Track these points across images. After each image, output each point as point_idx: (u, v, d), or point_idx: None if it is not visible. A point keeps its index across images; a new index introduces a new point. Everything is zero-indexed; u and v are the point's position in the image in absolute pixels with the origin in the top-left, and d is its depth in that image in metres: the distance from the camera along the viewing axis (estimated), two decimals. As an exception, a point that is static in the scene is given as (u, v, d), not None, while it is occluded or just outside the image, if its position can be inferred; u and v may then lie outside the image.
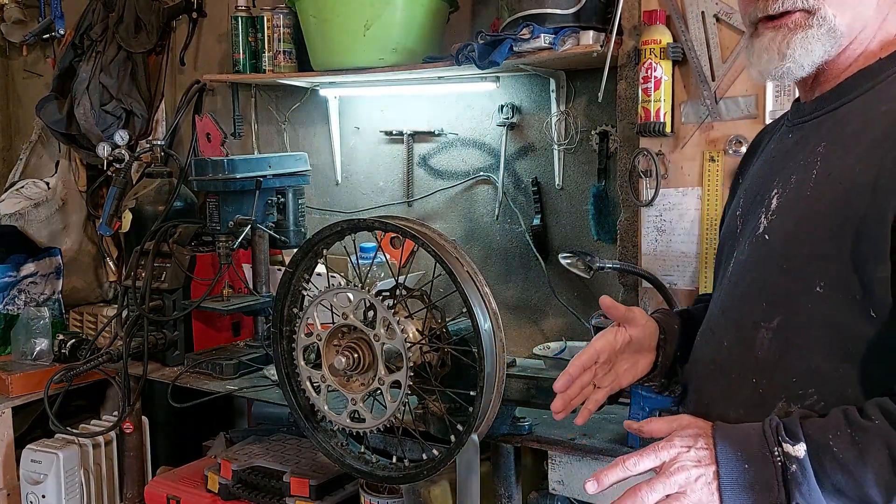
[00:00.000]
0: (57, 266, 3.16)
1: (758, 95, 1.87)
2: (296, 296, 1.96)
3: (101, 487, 2.67)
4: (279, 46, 2.66)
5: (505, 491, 1.90)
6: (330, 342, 1.80)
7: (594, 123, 2.34)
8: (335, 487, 2.23)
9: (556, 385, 1.22)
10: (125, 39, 3.07)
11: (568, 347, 2.24)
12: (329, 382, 1.81)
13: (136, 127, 3.12)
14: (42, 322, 2.82)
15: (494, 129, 2.52)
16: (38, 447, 2.59)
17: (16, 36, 3.55)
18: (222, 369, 2.39)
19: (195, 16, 3.08)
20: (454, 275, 1.64)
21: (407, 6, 2.31)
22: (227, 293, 2.51)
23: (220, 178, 2.48)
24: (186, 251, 2.59)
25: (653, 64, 1.94)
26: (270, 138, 2.99)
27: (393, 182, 2.75)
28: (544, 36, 2.04)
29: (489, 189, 2.57)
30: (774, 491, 0.91)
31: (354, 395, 1.77)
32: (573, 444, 1.81)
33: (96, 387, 2.94)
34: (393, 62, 2.36)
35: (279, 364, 1.97)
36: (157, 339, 2.49)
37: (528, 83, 2.45)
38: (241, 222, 2.45)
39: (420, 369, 1.76)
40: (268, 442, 2.47)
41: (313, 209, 2.85)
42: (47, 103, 3.16)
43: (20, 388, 2.68)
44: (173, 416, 2.72)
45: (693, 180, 1.97)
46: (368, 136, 2.78)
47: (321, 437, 1.95)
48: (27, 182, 3.30)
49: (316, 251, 1.90)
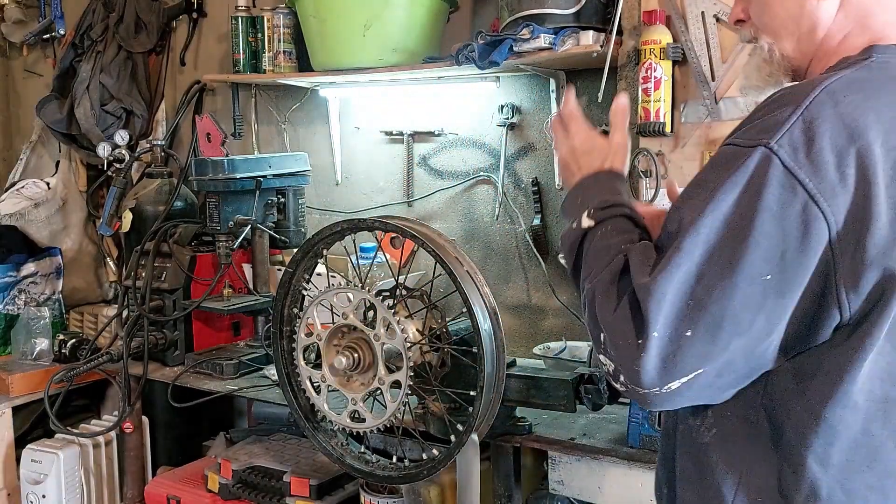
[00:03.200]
0: (57, 266, 3.16)
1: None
2: (296, 296, 1.96)
3: (101, 487, 2.67)
4: (279, 46, 2.66)
5: (505, 491, 1.90)
6: (330, 342, 1.80)
7: (594, 123, 2.31)
8: (335, 487, 2.23)
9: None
10: (125, 39, 3.07)
11: (568, 347, 2.24)
12: (329, 382, 1.81)
13: (137, 127, 3.12)
14: (42, 322, 2.83)
15: (494, 129, 2.52)
16: (39, 447, 2.59)
17: (16, 36, 3.55)
18: (222, 369, 2.39)
19: (195, 16, 3.08)
20: (454, 275, 1.65)
21: (407, 6, 2.31)
22: (227, 293, 2.51)
23: (220, 178, 2.49)
24: (186, 251, 2.59)
25: (653, 64, 1.94)
26: (270, 138, 2.99)
27: (393, 182, 2.75)
28: (544, 36, 2.04)
29: (489, 189, 2.57)
30: (569, 224, 1.17)
31: (354, 395, 1.78)
32: (573, 444, 1.81)
33: (96, 387, 2.94)
34: (393, 62, 2.36)
35: (279, 364, 1.97)
36: (158, 339, 2.49)
37: (528, 83, 2.45)
38: (241, 222, 2.45)
39: (420, 369, 1.76)
40: (268, 442, 2.48)
41: (313, 209, 2.85)
42: (47, 103, 3.17)
43: (20, 388, 2.68)
44: (173, 416, 2.72)
45: (693, 180, 1.97)
46: (368, 136, 2.78)
47: (321, 437, 1.95)
48: (27, 182, 3.30)
49: (316, 251, 1.90)
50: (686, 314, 0.94)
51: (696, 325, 0.94)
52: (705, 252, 0.94)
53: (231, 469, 2.30)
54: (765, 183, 0.93)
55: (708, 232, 0.95)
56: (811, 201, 0.91)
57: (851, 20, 1.08)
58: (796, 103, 0.95)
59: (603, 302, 1.02)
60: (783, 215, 0.92)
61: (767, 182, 0.93)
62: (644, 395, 0.98)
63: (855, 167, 0.92)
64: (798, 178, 0.92)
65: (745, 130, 0.98)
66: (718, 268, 0.94)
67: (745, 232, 0.93)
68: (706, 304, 0.94)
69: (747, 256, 0.92)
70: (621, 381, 1.00)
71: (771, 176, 0.93)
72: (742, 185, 0.94)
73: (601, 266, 1.06)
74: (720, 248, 0.94)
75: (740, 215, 0.93)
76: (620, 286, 1.02)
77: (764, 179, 0.93)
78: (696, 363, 0.95)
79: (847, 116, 0.94)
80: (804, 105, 0.95)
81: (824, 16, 1.08)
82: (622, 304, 0.99)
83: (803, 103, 0.95)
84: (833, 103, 0.95)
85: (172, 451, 2.81)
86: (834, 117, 0.94)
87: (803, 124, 0.94)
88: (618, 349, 0.98)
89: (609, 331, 1.00)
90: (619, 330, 0.98)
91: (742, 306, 0.93)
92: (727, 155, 0.98)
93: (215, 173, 2.49)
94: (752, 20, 1.16)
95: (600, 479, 1.80)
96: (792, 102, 0.96)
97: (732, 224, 0.94)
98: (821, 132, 0.93)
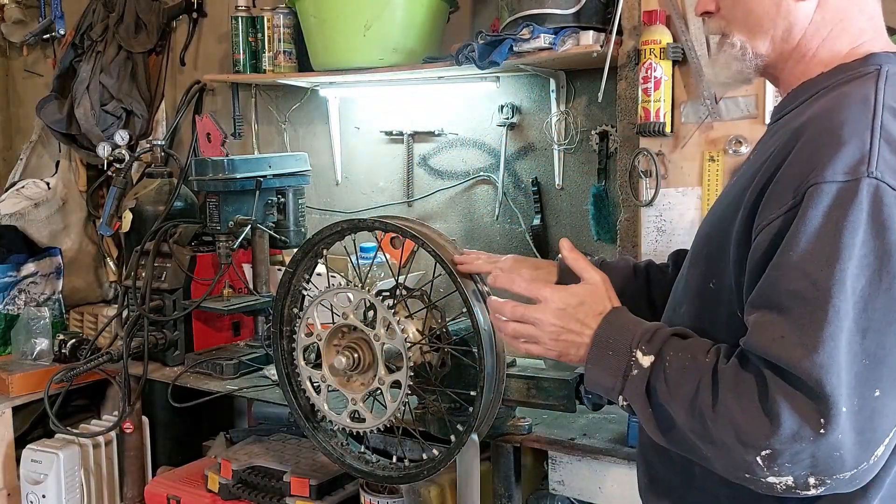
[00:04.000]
0: (57, 266, 3.16)
1: (758, 95, 1.87)
2: (296, 296, 1.96)
3: (101, 487, 2.67)
4: (279, 46, 2.67)
5: (505, 491, 1.90)
6: (330, 342, 1.80)
7: (594, 123, 2.34)
8: (335, 487, 2.23)
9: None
10: (125, 39, 3.07)
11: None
12: (329, 382, 1.81)
13: (137, 127, 3.12)
14: (42, 322, 2.82)
15: (494, 129, 2.52)
16: (39, 447, 2.59)
17: (16, 36, 3.55)
18: (222, 369, 2.39)
19: (195, 16, 3.08)
20: (454, 275, 1.64)
21: (407, 6, 2.31)
22: (227, 293, 2.51)
23: (220, 178, 2.49)
24: (186, 251, 2.59)
25: (653, 64, 1.94)
26: (270, 138, 2.99)
27: (393, 182, 2.75)
28: (544, 36, 2.04)
29: (489, 189, 2.57)
30: (618, 379, 1.04)
31: (354, 395, 1.78)
32: (573, 444, 1.81)
33: (96, 387, 2.94)
34: (393, 62, 2.36)
35: (279, 364, 1.97)
36: (158, 339, 2.49)
37: (528, 83, 2.45)
38: (241, 222, 2.45)
39: (420, 369, 1.76)
40: (268, 442, 2.47)
41: (313, 209, 2.85)
42: (47, 103, 3.17)
43: (20, 387, 2.68)
44: (173, 416, 2.72)
45: (693, 180, 1.97)
46: (368, 136, 2.78)
47: (321, 437, 1.95)
48: (27, 182, 3.30)
49: (316, 251, 1.90)
50: (867, 375, 0.88)
51: (881, 382, 0.88)
52: (859, 303, 0.88)
53: (231, 469, 2.30)
54: (888, 213, 0.88)
55: (853, 282, 0.88)
56: None
57: (829, 22, 1.06)
58: (863, 124, 0.93)
59: (740, 418, 0.91)
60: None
61: (889, 211, 0.89)
62: (852, 477, 0.90)
63: None
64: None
65: (820, 171, 0.91)
66: (879, 314, 0.88)
67: (890, 268, 0.88)
68: (882, 356, 0.88)
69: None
70: (815, 482, 0.90)
71: (889, 204, 0.89)
72: (864, 222, 0.89)
73: (695, 389, 0.96)
74: (871, 294, 0.88)
75: (877, 254, 0.88)
76: (745, 396, 0.92)
77: (885, 209, 0.89)
78: (893, 421, 0.90)
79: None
80: (874, 125, 0.92)
81: (802, 16, 1.06)
82: (772, 410, 0.89)
83: (871, 123, 0.92)
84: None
85: (172, 451, 2.81)
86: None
87: (888, 145, 0.91)
88: (798, 452, 0.89)
89: (776, 442, 0.89)
90: (788, 435, 0.88)
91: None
92: (825, 196, 0.90)
93: (215, 173, 2.49)
94: (723, 13, 1.13)
95: (600, 479, 1.80)
96: (855, 125, 0.93)
97: (873, 265, 0.88)
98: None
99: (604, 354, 1.06)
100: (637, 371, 1.02)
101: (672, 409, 0.99)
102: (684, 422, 0.97)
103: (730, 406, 0.93)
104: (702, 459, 0.99)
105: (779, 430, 0.88)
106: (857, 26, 1.06)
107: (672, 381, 0.99)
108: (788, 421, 0.88)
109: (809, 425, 0.87)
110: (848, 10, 1.06)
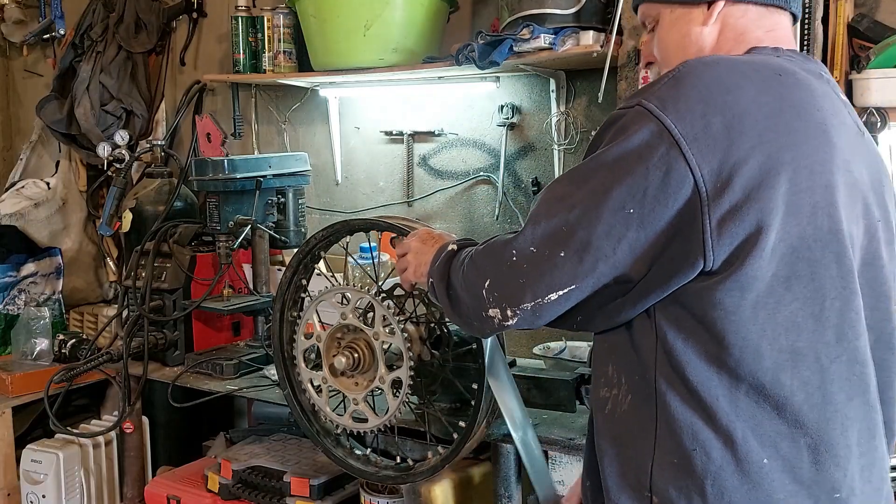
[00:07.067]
0: (57, 266, 3.16)
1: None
2: (295, 296, 1.96)
3: (101, 487, 2.67)
4: (279, 46, 2.67)
5: (505, 491, 1.90)
6: (330, 342, 1.80)
7: (594, 123, 2.34)
8: (335, 487, 2.23)
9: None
10: (125, 39, 3.07)
11: (568, 347, 2.24)
12: (330, 383, 1.81)
13: (137, 127, 3.12)
14: (42, 322, 2.82)
15: (494, 129, 2.52)
16: (39, 447, 2.59)
17: (16, 36, 3.55)
18: (222, 369, 2.39)
19: (195, 16, 3.08)
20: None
21: (407, 6, 2.31)
22: (227, 293, 2.51)
23: (220, 178, 2.49)
24: (186, 251, 2.59)
25: (653, 64, 1.93)
26: (270, 138, 2.99)
27: (393, 182, 2.75)
28: (544, 36, 2.04)
29: (489, 189, 2.57)
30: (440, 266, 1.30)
31: (355, 394, 1.78)
32: (573, 444, 1.81)
33: (96, 387, 2.94)
34: (393, 62, 2.36)
35: (279, 364, 1.97)
36: (158, 339, 2.49)
37: (528, 83, 2.45)
38: (241, 222, 2.45)
39: (420, 369, 1.76)
40: (268, 442, 2.47)
41: (313, 209, 2.85)
42: (47, 103, 3.17)
43: (20, 388, 2.68)
44: (173, 416, 2.72)
45: (693, 180, 1.97)
46: (368, 136, 2.78)
47: (322, 437, 1.95)
48: (27, 182, 3.30)
49: (316, 251, 1.90)
50: (559, 237, 1.07)
51: (567, 248, 1.06)
52: (584, 189, 1.06)
53: (231, 469, 2.30)
54: (634, 128, 1.03)
55: (587, 172, 1.08)
56: (675, 145, 1.00)
57: (731, 39, 1.20)
58: (669, 69, 1.08)
59: (485, 252, 1.17)
60: (648, 156, 1.01)
61: (636, 127, 1.03)
62: (533, 309, 1.10)
63: (721, 117, 1.00)
64: (664, 124, 1.01)
65: (626, 100, 1.10)
66: (589, 200, 1.05)
67: (614, 170, 1.04)
68: (576, 230, 1.06)
69: (612, 191, 1.03)
70: (493, 310, 1.13)
71: (640, 122, 1.03)
72: (614, 132, 1.07)
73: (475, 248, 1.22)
74: (595, 185, 1.05)
75: (613, 157, 1.04)
76: (496, 245, 1.16)
77: (633, 125, 1.04)
78: (568, 280, 1.07)
79: (715, 74, 1.04)
80: (676, 70, 1.06)
81: (709, 39, 1.21)
82: (502, 245, 1.13)
83: (676, 69, 1.07)
84: (702, 64, 1.06)
85: (172, 451, 2.81)
86: (704, 73, 1.04)
87: (672, 81, 1.05)
88: (499, 278, 1.12)
89: (488, 271, 1.14)
90: (493, 264, 1.13)
91: (605, 234, 1.04)
92: (609, 120, 1.10)
93: (215, 173, 2.49)
94: (657, 57, 1.29)
95: (600, 479, 1.79)
96: (667, 72, 1.08)
97: (606, 165, 1.05)
98: (688, 85, 1.03)
99: (435, 260, 1.32)
100: (445, 253, 1.29)
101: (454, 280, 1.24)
102: (456, 268, 1.24)
103: (483, 249, 1.20)
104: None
105: (490, 261, 1.15)
106: (754, 37, 1.19)
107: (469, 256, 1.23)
108: (496, 254, 1.14)
109: (503, 259, 1.12)
110: (747, 26, 1.19)
